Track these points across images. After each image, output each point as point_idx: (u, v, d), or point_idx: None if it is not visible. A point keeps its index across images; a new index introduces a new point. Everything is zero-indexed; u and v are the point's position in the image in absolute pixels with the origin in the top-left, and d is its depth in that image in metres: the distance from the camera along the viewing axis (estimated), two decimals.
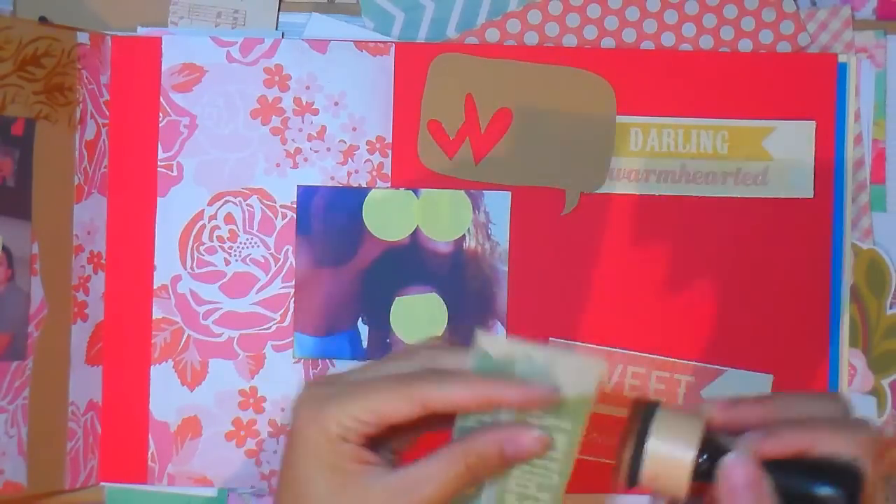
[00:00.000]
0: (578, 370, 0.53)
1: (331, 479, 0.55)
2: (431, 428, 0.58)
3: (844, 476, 0.53)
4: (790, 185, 0.72)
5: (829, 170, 0.72)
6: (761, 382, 0.72)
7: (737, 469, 0.54)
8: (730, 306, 0.72)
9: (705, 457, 0.53)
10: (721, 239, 0.72)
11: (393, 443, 0.58)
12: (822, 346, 0.72)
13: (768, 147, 0.72)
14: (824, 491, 0.53)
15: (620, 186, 0.72)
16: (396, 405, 0.54)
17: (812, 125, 0.72)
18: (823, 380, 0.72)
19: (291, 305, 0.72)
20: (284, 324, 0.72)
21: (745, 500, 0.53)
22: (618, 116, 0.72)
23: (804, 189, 0.72)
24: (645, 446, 0.54)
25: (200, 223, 0.72)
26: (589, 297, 0.72)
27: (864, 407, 0.72)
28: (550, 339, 0.72)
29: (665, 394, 0.72)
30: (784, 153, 0.72)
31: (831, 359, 0.72)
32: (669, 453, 0.54)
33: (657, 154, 0.72)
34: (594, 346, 0.72)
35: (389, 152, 0.72)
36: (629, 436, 0.54)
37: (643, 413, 0.54)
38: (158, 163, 0.72)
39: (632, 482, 0.55)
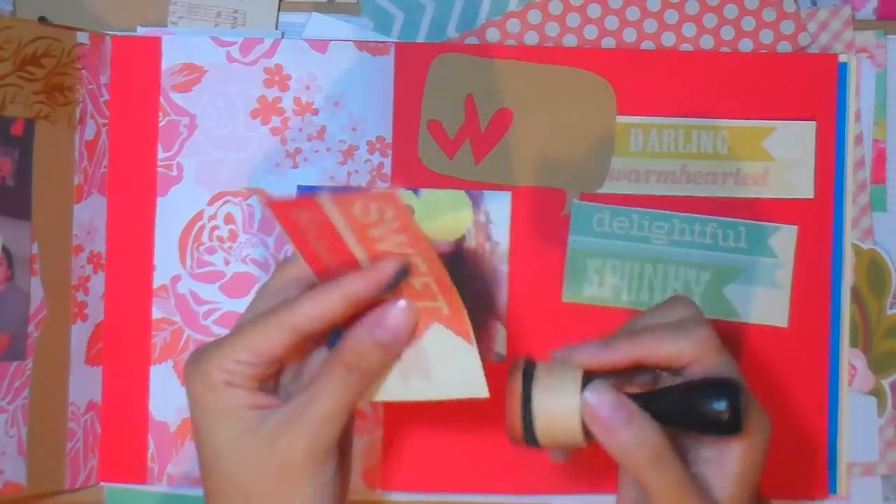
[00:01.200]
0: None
1: (229, 429, 0.54)
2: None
3: (722, 390, 0.53)
4: (790, 185, 0.72)
5: (829, 170, 0.72)
6: None
7: (594, 398, 0.54)
8: None
9: None
10: None
11: (301, 380, 0.58)
12: (822, 346, 0.72)
13: (768, 147, 0.72)
14: (706, 408, 0.53)
15: (621, 187, 0.72)
16: (269, 337, 0.54)
17: (812, 125, 0.72)
18: (823, 380, 0.72)
19: None
20: None
21: (615, 425, 0.54)
22: (618, 116, 0.72)
23: (804, 189, 0.72)
24: (532, 407, 0.55)
25: (200, 223, 0.72)
26: None
27: (864, 407, 0.73)
28: (550, 340, 0.72)
29: None
30: (784, 153, 0.72)
31: (831, 359, 0.72)
32: (556, 408, 0.55)
33: (657, 154, 0.72)
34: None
35: (389, 152, 0.72)
36: (514, 398, 0.55)
37: (523, 373, 0.55)
38: (158, 163, 0.72)
39: (530, 443, 0.55)
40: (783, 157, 0.72)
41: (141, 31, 0.73)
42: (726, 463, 0.55)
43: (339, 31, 0.73)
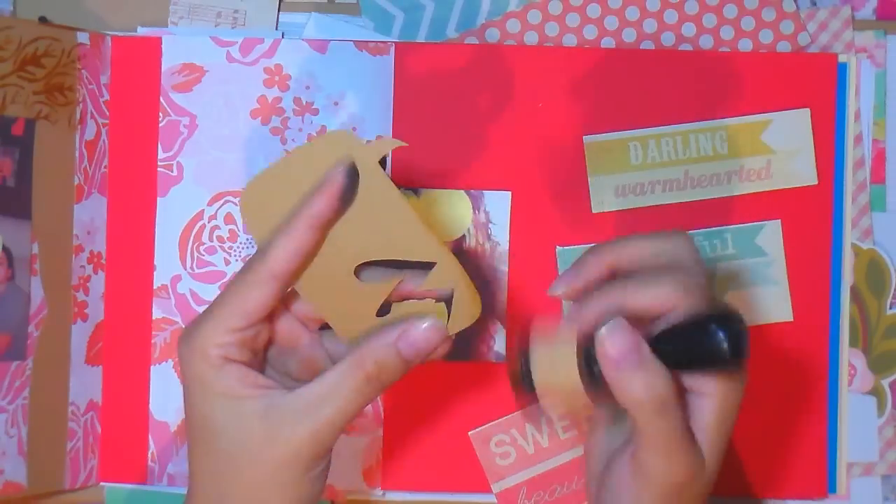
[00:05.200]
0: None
1: (227, 409, 0.54)
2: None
3: (720, 321, 0.53)
4: (794, 174, 0.72)
5: (829, 155, 0.72)
6: None
7: (610, 335, 0.53)
8: None
9: (587, 350, 0.54)
10: None
11: (289, 365, 0.58)
12: (821, 346, 0.72)
13: (767, 140, 0.72)
14: (706, 341, 0.52)
15: (628, 202, 0.72)
16: (253, 294, 0.54)
17: (807, 112, 0.72)
18: (823, 380, 0.72)
19: None
20: None
21: (626, 366, 0.53)
22: (615, 133, 0.72)
23: (808, 177, 0.72)
24: (530, 355, 0.55)
25: (200, 223, 0.72)
26: None
27: (863, 407, 0.73)
28: None
29: None
30: (784, 144, 0.72)
31: (831, 359, 0.72)
32: (554, 355, 0.54)
33: (659, 164, 0.72)
34: None
35: (389, 152, 0.72)
36: (513, 341, 0.56)
37: (522, 331, 0.56)
38: (158, 163, 0.72)
39: (527, 387, 0.55)
40: (783, 148, 0.72)
41: (141, 31, 0.73)
42: (703, 412, 0.55)
43: (339, 31, 0.73)
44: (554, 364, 0.55)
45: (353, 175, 0.54)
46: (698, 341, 0.53)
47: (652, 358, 0.53)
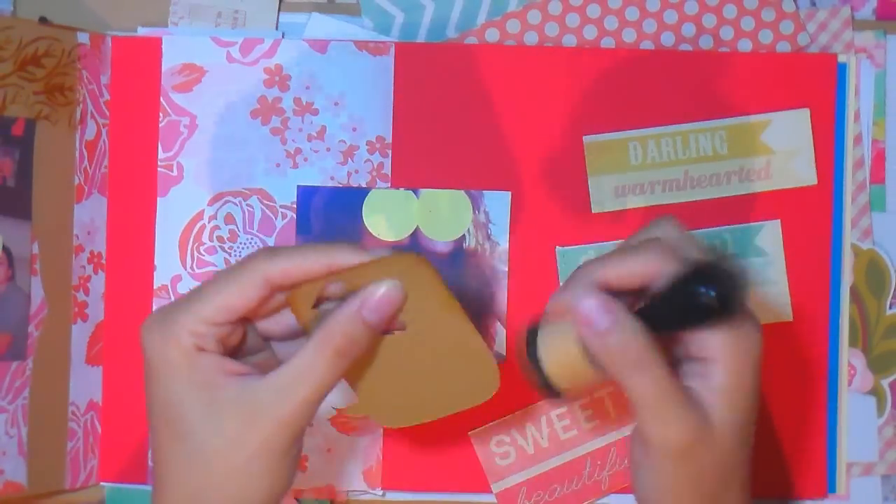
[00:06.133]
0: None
1: (201, 397, 0.53)
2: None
3: (703, 274, 0.52)
4: (793, 174, 0.72)
5: (829, 155, 0.72)
6: None
7: (580, 302, 0.53)
8: None
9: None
10: None
11: (257, 357, 0.57)
12: (821, 346, 0.72)
13: (767, 140, 0.72)
14: (691, 301, 0.52)
15: (628, 202, 0.72)
16: (241, 291, 0.54)
17: (807, 112, 0.72)
18: (823, 380, 0.72)
19: None
20: None
21: (599, 326, 0.53)
22: (614, 133, 0.72)
23: (807, 177, 0.72)
24: (538, 347, 0.56)
25: (200, 223, 0.72)
26: None
27: (863, 407, 0.73)
28: None
29: None
30: (783, 144, 0.72)
31: (831, 359, 0.72)
32: (556, 340, 0.55)
33: (659, 164, 0.72)
34: None
35: (389, 152, 0.72)
36: (523, 352, 0.56)
37: (528, 328, 0.57)
38: (158, 163, 0.72)
39: (549, 389, 0.56)
40: (783, 148, 0.72)
41: (141, 31, 0.73)
42: (711, 376, 0.54)
43: (339, 31, 0.73)
44: (555, 342, 0.55)
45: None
46: (683, 300, 0.52)
47: (625, 316, 0.53)
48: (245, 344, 0.57)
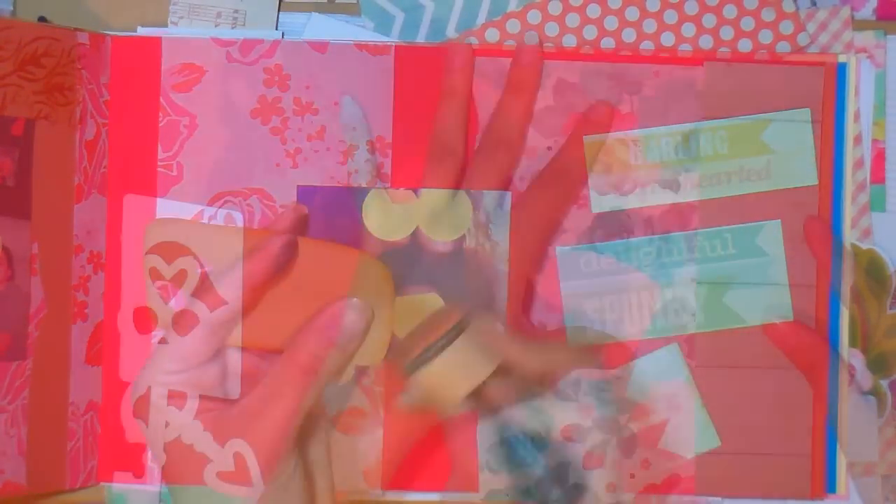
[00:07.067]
0: None
1: (180, 439, 0.55)
2: None
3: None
4: (793, 174, 0.72)
5: (829, 155, 0.72)
6: None
7: None
8: None
9: None
10: None
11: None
12: (821, 346, 0.72)
13: (767, 140, 0.72)
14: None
15: (628, 202, 0.72)
16: (192, 340, 0.56)
17: (807, 112, 0.72)
18: (823, 380, 0.72)
19: None
20: None
21: None
22: (614, 133, 0.72)
23: (808, 177, 0.72)
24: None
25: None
26: None
27: (863, 407, 0.73)
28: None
29: None
30: (784, 144, 0.72)
31: (831, 359, 0.72)
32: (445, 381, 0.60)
33: (659, 164, 0.72)
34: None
35: (389, 152, 0.72)
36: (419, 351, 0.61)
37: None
38: (158, 163, 0.72)
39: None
40: (783, 148, 0.72)
41: (141, 31, 0.73)
42: None
43: (339, 31, 0.73)
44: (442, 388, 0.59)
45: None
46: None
47: None
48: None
